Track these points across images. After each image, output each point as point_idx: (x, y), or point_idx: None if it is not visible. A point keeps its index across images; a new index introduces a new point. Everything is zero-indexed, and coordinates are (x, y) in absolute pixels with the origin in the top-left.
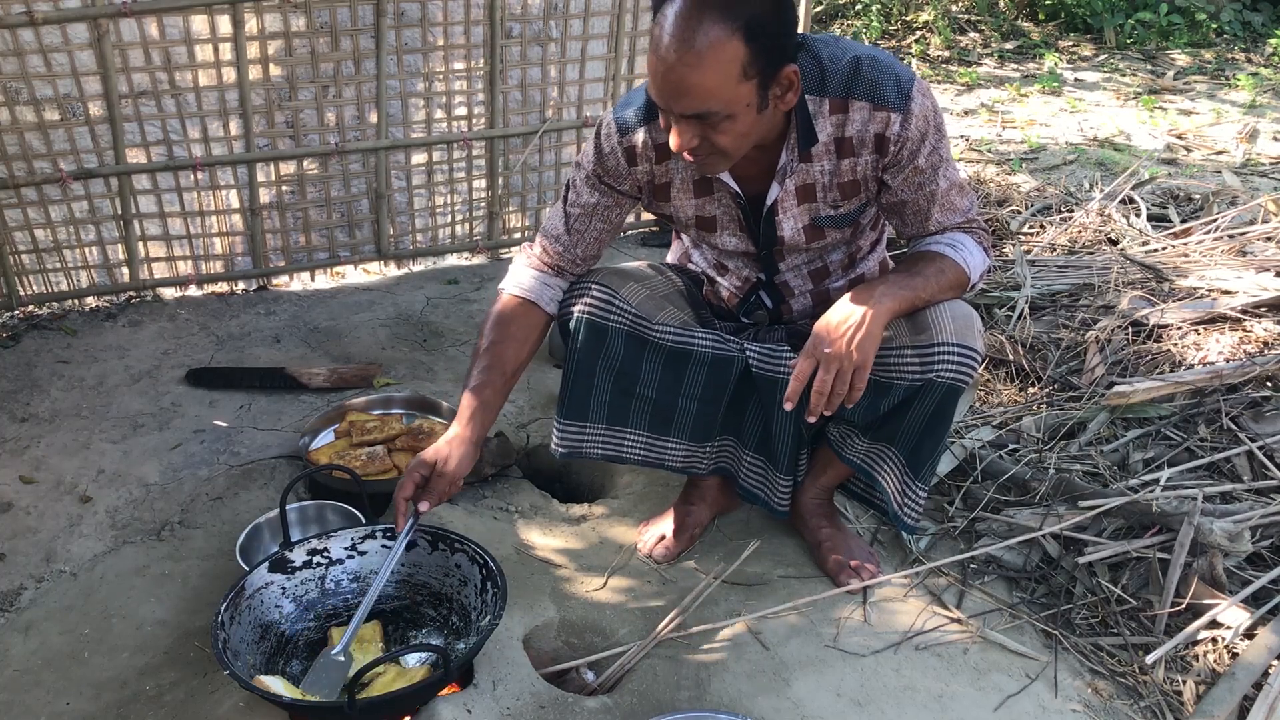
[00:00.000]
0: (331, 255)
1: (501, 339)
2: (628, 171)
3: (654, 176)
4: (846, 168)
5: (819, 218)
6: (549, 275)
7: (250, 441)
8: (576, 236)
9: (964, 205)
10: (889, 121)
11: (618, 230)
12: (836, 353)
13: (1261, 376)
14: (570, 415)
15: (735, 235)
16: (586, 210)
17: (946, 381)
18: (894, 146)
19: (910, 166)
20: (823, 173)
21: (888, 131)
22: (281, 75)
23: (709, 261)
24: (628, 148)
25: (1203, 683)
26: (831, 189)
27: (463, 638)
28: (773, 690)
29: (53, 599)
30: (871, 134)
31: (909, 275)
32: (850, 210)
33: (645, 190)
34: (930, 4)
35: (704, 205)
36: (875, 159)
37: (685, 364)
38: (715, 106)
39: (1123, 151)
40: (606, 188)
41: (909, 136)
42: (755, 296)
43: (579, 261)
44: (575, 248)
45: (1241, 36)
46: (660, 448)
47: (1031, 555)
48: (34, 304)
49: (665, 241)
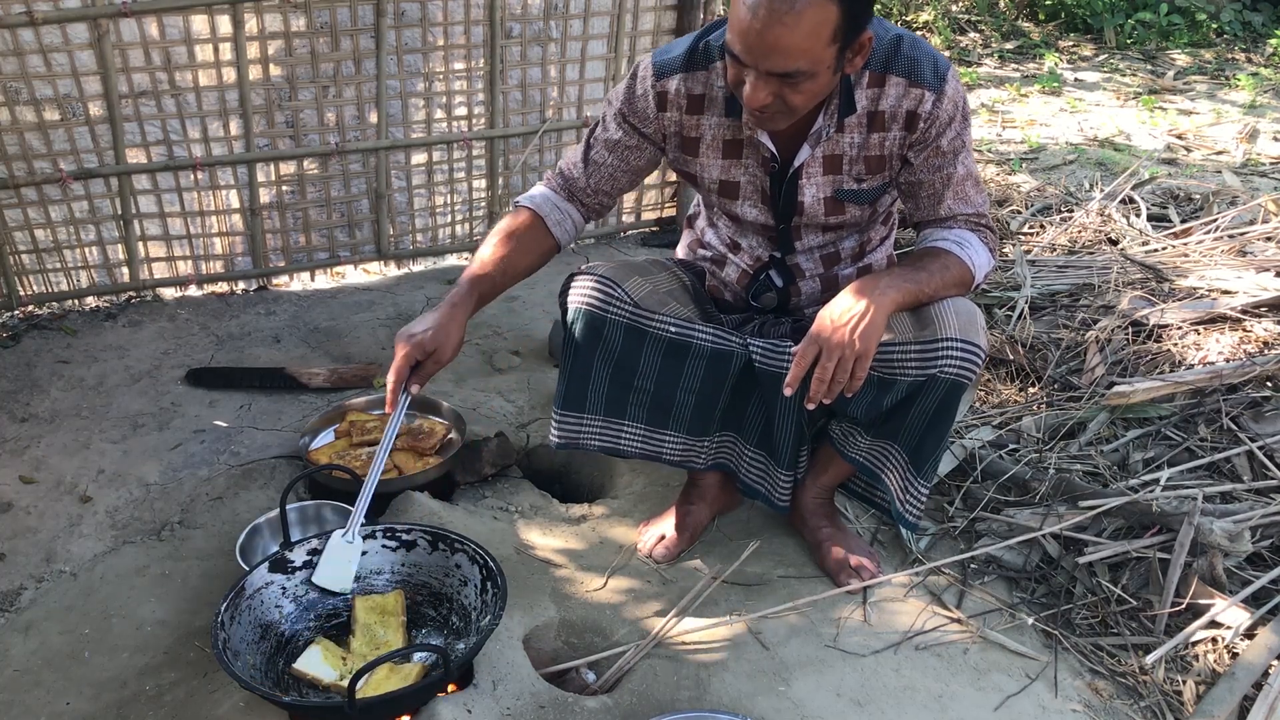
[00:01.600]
0: (331, 255)
1: (504, 242)
2: (655, 116)
3: (682, 128)
4: (875, 141)
5: (841, 190)
6: (560, 197)
7: (250, 441)
8: (592, 167)
9: (977, 199)
10: (922, 99)
11: (635, 176)
12: (839, 340)
13: (1261, 376)
14: (568, 406)
15: (756, 206)
16: (607, 144)
17: (950, 377)
18: (923, 124)
19: (934, 146)
20: (852, 145)
21: (920, 109)
22: (281, 75)
23: (723, 239)
24: (660, 92)
25: (1203, 683)
26: (858, 162)
27: (463, 638)
28: (773, 690)
29: (53, 599)
30: (904, 110)
31: (914, 270)
32: (872, 187)
33: (671, 141)
34: (930, 4)
35: (729, 169)
36: (903, 136)
37: (684, 357)
38: (803, 66)
39: (1123, 151)
40: (630, 128)
41: (938, 116)
42: (765, 275)
43: (589, 191)
44: (589, 176)
45: (1241, 36)
46: (658, 440)
47: (1031, 555)
48: (34, 304)
49: (666, 241)
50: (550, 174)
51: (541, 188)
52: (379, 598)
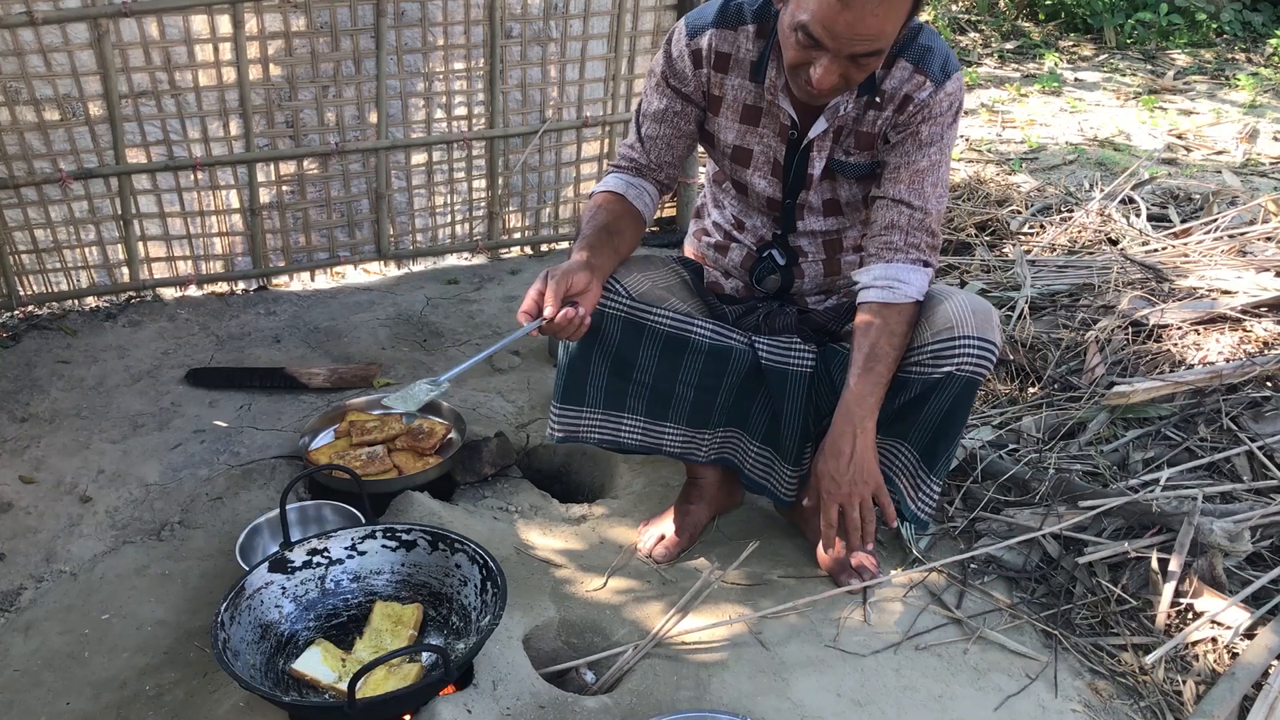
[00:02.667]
0: (331, 255)
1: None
2: (693, 73)
3: (711, 84)
4: (870, 118)
5: (834, 160)
6: (631, 175)
7: (250, 441)
8: (649, 143)
9: (931, 197)
10: (922, 85)
11: (689, 141)
12: (849, 492)
13: (1261, 376)
14: (567, 400)
15: (765, 177)
16: (655, 117)
17: (966, 375)
18: (913, 107)
19: (913, 130)
20: (848, 121)
21: (917, 94)
22: (281, 75)
23: (728, 219)
24: (694, 50)
25: (1203, 683)
26: (850, 135)
27: (463, 638)
28: (773, 690)
29: (53, 599)
30: (903, 93)
31: (870, 364)
32: (859, 162)
33: (705, 97)
34: (930, 4)
35: (745, 135)
36: (893, 116)
37: (682, 351)
38: (884, 45)
39: (1123, 151)
40: (674, 92)
41: (930, 105)
42: (768, 254)
43: (654, 166)
44: (648, 152)
45: (1241, 36)
46: (658, 432)
47: (1031, 555)
48: (34, 304)
49: (665, 241)
50: (612, 162)
51: (610, 174)
52: (398, 606)
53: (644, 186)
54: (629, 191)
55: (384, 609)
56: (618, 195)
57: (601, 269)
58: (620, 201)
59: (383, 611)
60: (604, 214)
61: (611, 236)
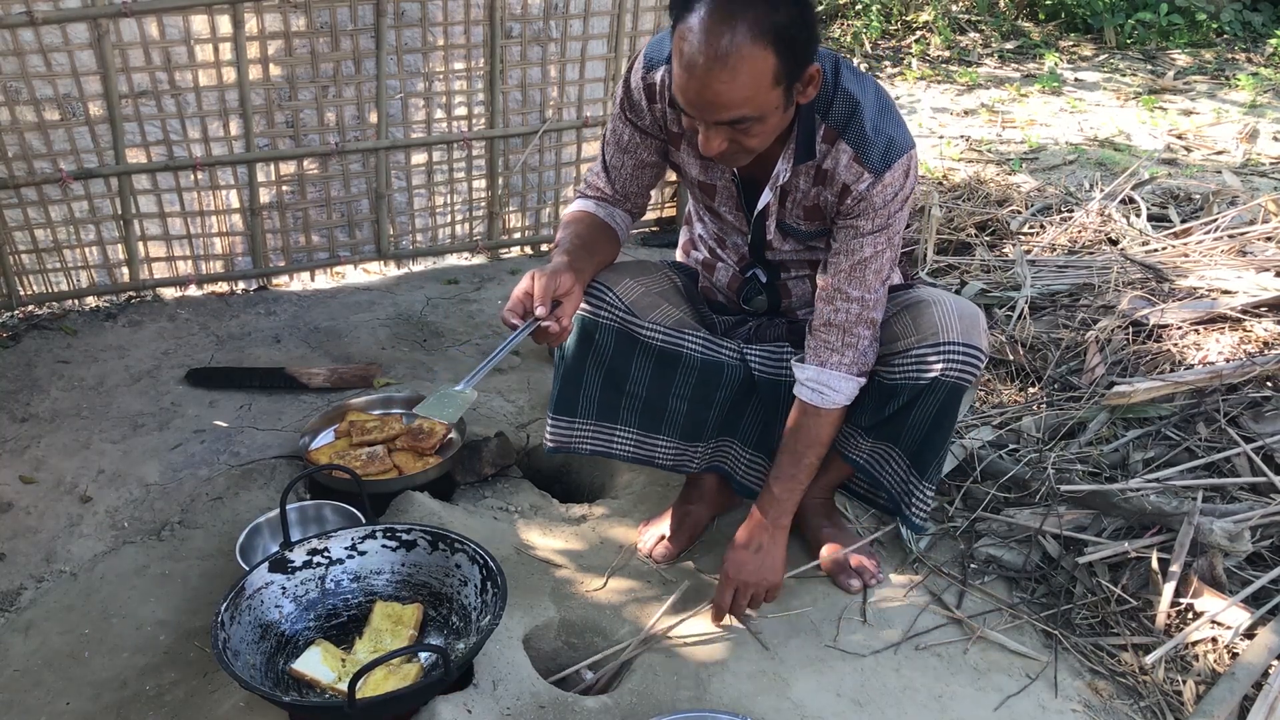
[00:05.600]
0: (331, 255)
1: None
2: (647, 108)
3: (668, 120)
4: (814, 193)
5: (783, 224)
6: (598, 203)
7: (250, 441)
8: (613, 172)
9: (872, 286)
10: (860, 177)
11: (653, 172)
12: (748, 582)
13: (1261, 376)
14: (560, 410)
15: (731, 211)
16: (618, 146)
17: (951, 381)
18: (851, 199)
19: (853, 223)
20: (796, 188)
21: (855, 186)
22: (281, 75)
23: (711, 235)
24: (649, 85)
25: (1203, 683)
26: (798, 206)
27: (463, 638)
28: (773, 690)
29: (53, 599)
30: (842, 181)
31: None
32: (810, 230)
33: (664, 131)
34: (930, 4)
35: (706, 170)
36: (835, 203)
37: (675, 366)
38: (749, 113)
39: (1123, 151)
40: (631, 124)
41: (869, 198)
42: (752, 273)
43: (620, 196)
44: (613, 182)
45: (1241, 36)
46: (650, 445)
47: (1031, 555)
48: (34, 304)
49: (665, 241)
50: (581, 189)
51: (579, 200)
52: (398, 606)
53: (614, 213)
54: (599, 211)
55: (384, 609)
56: (590, 212)
57: (583, 274)
58: (593, 218)
59: (383, 611)
60: (580, 226)
61: (588, 245)
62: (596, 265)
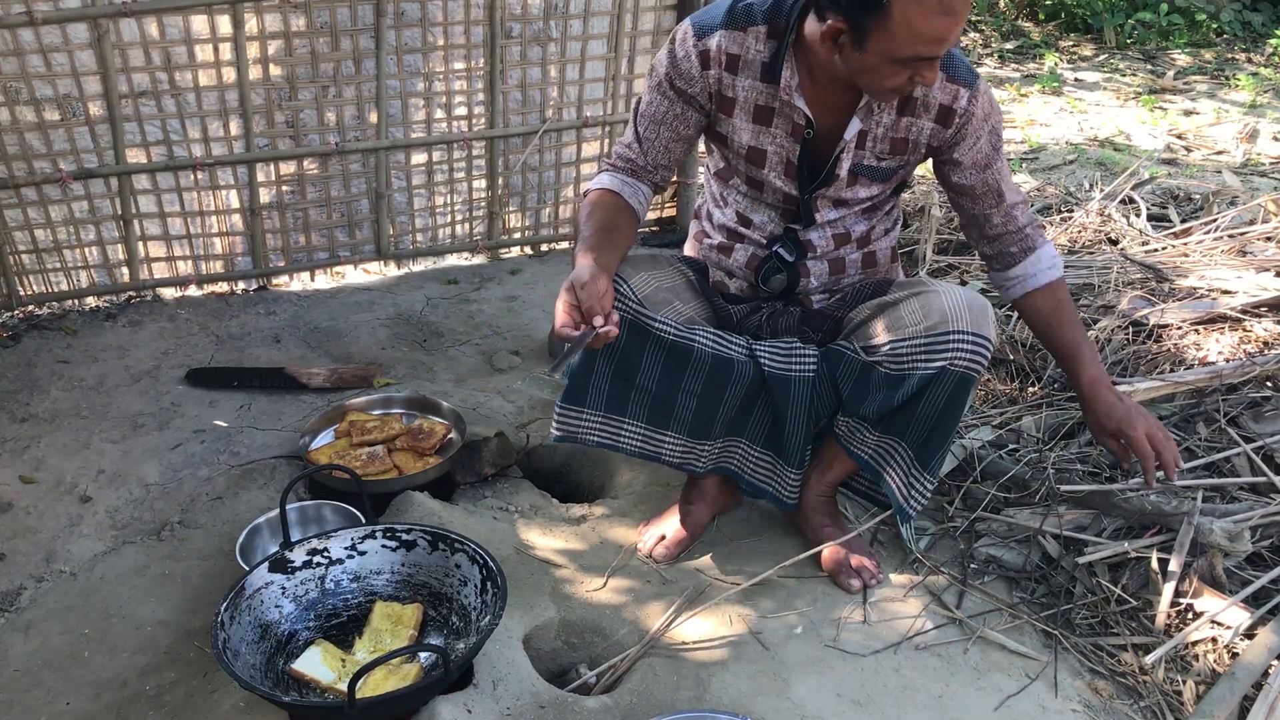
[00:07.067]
0: (331, 255)
1: (606, 215)
2: (700, 74)
3: (722, 85)
4: (904, 124)
5: (859, 165)
6: (625, 175)
7: (250, 441)
8: (647, 144)
9: (1017, 189)
10: (957, 95)
11: (687, 145)
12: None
13: (1261, 376)
14: (569, 400)
15: (780, 176)
16: (654, 119)
17: (960, 370)
18: (959, 119)
19: (973, 140)
20: (878, 123)
21: (955, 104)
22: (281, 75)
23: (733, 218)
24: (702, 51)
25: (1203, 683)
26: (883, 140)
27: (463, 638)
28: (773, 690)
29: (53, 599)
30: (937, 102)
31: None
32: (889, 166)
33: (714, 99)
34: None
35: (759, 135)
36: (935, 129)
37: (686, 361)
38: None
39: (1123, 151)
40: (677, 93)
41: (974, 113)
42: (775, 250)
43: (650, 168)
44: (647, 154)
45: (1241, 36)
46: (658, 440)
47: (1031, 555)
48: (34, 304)
49: (666, 241)
50: (608, 160)
51: (604, 173)
52: (398, 606)
53: (638, 186)
54: (624, 189)
55: (384, 609)
56: (613, 193)
57: (610, 269)
58: (616, 199)
59: (383, 611)
60: (601, 212)
61: (611, 235)
62: (620, 255)
